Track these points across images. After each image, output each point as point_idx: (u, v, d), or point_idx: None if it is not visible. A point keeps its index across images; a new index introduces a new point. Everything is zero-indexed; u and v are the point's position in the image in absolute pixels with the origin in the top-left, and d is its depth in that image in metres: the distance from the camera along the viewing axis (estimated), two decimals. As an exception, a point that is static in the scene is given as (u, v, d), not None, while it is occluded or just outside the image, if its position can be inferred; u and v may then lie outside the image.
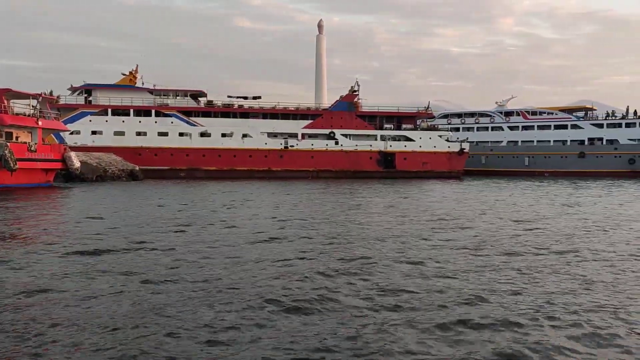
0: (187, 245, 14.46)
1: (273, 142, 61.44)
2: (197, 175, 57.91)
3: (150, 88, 61.72)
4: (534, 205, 27.93)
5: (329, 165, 61.65)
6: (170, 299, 9.17)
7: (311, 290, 9.89)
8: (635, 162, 67.96)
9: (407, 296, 9.57)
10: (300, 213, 23.25)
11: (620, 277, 11.35)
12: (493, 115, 79.04)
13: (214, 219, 20.33)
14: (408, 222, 20.07)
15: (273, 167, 60.69)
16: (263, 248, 14.30)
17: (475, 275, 11.29)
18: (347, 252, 13.90)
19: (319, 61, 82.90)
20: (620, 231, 18.34)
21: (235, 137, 60.71)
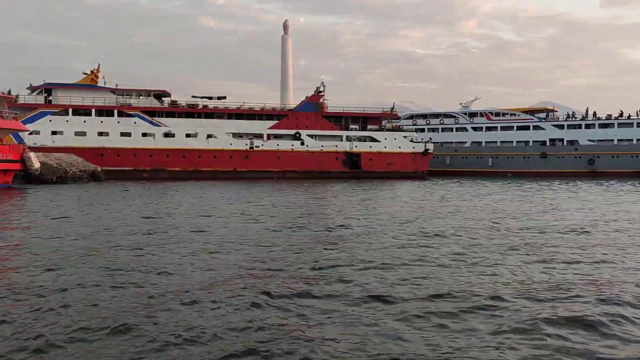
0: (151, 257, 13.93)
1: (238, 143, 61.62)
2: (160, 176, 57.70)
3: (113, 88, 61.22)
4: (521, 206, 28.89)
5: (294, 165, 62.12)
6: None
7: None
8: (594, 162, 70.22)
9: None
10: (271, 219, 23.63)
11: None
12: (457, 117, 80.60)
13: (177, 226, 20.41)
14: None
15: (238, 167, 60.87)
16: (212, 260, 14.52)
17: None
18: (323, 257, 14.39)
19: (285, 61, 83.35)
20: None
21: (200, 138, 60.69)
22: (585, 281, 11.12)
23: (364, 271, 11.82)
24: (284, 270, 11.87)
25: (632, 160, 68.54)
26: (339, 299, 9.57)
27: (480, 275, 11.56)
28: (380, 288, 10.30)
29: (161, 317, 8.50)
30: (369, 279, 11.08)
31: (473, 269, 12.13)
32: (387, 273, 11.64)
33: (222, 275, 11.30)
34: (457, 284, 10.71)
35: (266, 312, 8.82)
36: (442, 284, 10.75)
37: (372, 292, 10.01)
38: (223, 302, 9.26)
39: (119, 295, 9.75)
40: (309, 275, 11.40)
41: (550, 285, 10.69)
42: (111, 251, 14.00)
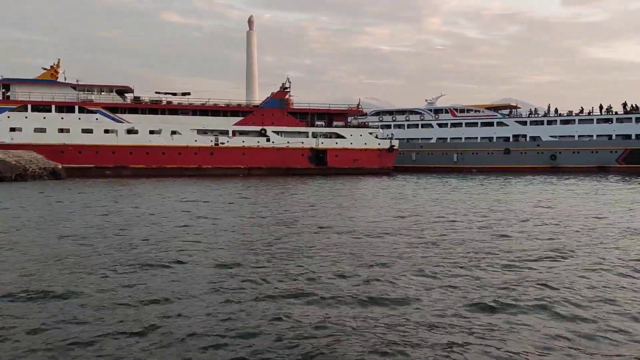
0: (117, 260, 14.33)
1: (203, 139, 61.53)
2: (123, 173, 57.31)
3: (74, 83, 60.49)
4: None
5: (260, 162, 62.33)
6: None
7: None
8: (556, 158, 72.16)
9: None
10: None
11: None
12: (423, 113, 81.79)
13: (137, 226, 20.64)
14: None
15: (203, 164, 60.80)
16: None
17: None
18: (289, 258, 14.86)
19: (250, 57, 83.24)
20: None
21: (164, 134, 60.40)
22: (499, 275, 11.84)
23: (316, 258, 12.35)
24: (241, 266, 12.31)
25: (592, 155, 70.64)
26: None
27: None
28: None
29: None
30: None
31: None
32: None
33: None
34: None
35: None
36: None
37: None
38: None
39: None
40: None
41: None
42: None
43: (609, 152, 70.16)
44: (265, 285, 10.76)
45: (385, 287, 10.65)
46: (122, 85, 62.14)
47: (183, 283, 10.96)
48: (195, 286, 10.72)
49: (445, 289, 10.54)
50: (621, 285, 11.18)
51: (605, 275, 11.99)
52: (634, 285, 11.15)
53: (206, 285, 10.79)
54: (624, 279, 11.73)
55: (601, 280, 11.50)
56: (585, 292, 10.59)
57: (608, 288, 10.92)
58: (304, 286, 10.68)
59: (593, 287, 10.93)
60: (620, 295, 10.44)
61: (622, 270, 12.41)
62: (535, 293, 10.42)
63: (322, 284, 10.84)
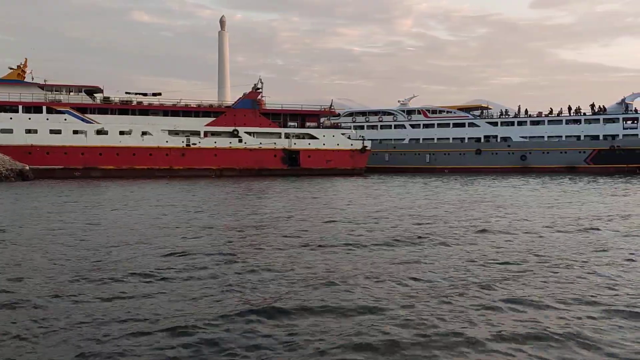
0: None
1: (174, 140, 61.47)
2: (93, 174, 56.99)
3: (41, 83, 59.89)
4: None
5: (233, 163, 62.49)
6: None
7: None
8: (526, 158, 73.71)
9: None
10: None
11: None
12: (396, 114, 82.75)
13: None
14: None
15: (175, 165, 60.74)
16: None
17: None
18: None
19: (222, 58, 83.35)
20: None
21: (135, 135, 60.20)
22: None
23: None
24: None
25: (561, 155, 72.34)
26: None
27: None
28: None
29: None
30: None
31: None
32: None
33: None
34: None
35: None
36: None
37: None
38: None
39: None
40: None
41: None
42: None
43: (577, 153, 71.94)
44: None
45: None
46: (91, 85, 61.77)
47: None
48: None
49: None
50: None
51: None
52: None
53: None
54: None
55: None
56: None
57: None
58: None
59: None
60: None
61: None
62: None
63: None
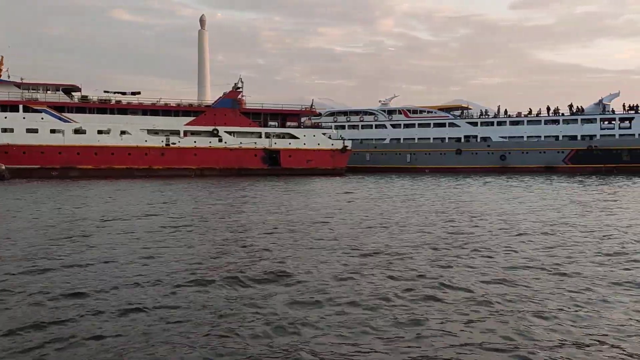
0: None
1: (154, 140, 61.30)
2: (71, 174, 56.65)
3: (18, 82, 59.38)
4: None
5: (213, 163, 62.47)
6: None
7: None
8: (506, 158, 74.65)
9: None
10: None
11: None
12: (377, 114, 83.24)
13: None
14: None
15: (154, 165, 60.58)
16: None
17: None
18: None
19: (202, 57, 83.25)
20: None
21: (113, 134, 59.94)
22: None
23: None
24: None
25: (540, 155, 73.37)
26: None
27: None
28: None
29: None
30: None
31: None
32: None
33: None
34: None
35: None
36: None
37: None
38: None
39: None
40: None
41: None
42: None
43: (556, 153, 73.03)
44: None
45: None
46: (69, 84, 61.39)
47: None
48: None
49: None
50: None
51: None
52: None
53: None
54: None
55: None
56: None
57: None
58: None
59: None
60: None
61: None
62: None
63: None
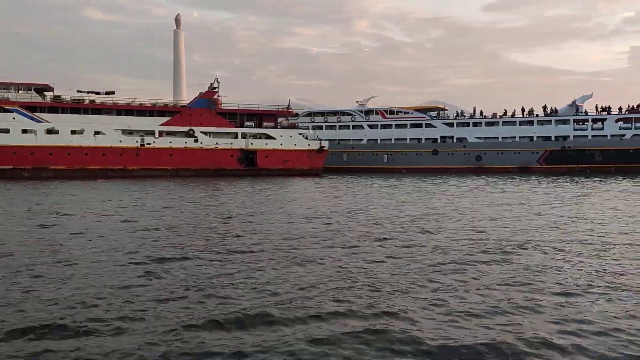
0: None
1: (128, 140, 60.94)
2: (44, 175, 56.07)
3: (-12, 81, 58.71)
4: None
5: (188, 163, 62.28)
6: None
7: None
8: (481, 159, 75.61)
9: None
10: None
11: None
12: (354, 114, 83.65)
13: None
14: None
15: (129, 165, 60.22)
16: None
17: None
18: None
19: (177, 56, 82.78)
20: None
21: (87, 135, 59.46)
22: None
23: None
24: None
25: (515, 156, 74.46)
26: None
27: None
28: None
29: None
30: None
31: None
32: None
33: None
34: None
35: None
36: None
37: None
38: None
39: None
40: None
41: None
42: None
43: (530, 153, 74.17)
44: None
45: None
46: (41, 83, 60.76)
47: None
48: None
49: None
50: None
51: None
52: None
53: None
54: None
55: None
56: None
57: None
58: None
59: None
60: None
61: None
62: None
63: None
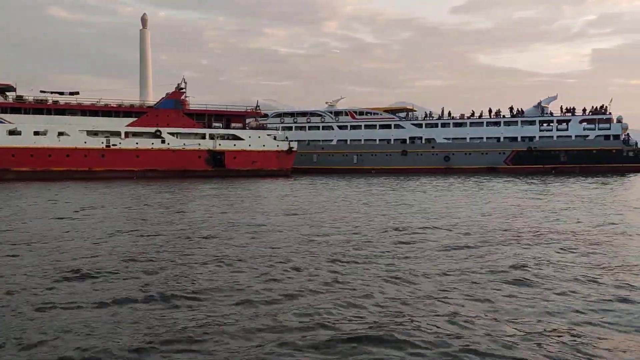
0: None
1: (93, 141, 60.36)
2: (6, 177, 55.17)
3: (-53, 81, 57.62)
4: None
5: (155, 164, 61.92)
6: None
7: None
8: (449, 159, 76.71)
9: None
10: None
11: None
12: (324, 115, 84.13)
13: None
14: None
15: (94, 167, 59.65)
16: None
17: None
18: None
19: (144, 57, 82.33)
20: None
21: (50, 136, 58.74)
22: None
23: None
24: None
25: (482, 156, 75.75)
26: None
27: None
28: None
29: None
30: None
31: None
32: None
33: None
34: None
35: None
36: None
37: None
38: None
39: None
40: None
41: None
42: None
43: (497, 154, 75.52)
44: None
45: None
46: (2, 83, 59.79)
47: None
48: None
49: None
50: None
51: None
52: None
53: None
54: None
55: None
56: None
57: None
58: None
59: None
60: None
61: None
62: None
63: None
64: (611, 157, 71.51)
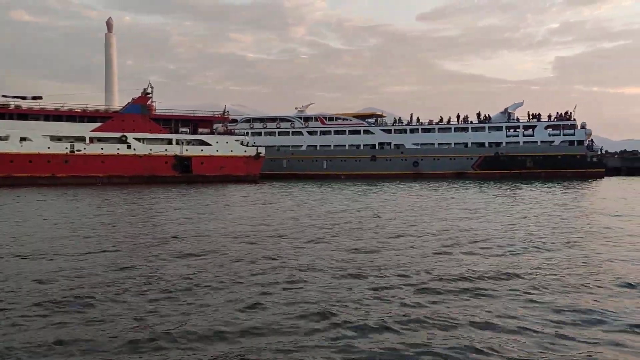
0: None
1: (57, 146, 59.73)
2: (-35, 183, 54.35)
3: None
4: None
5: (121, 170, 61.50)
6: None
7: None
8: (418, 164, 77.65)
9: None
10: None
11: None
12: (293, 121, 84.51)
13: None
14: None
15: (58, 173, 58.97)
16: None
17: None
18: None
19: (109, 61, 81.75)
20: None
21: (12, 141, 57.96)
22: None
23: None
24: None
25: (450, 162, 76.85)
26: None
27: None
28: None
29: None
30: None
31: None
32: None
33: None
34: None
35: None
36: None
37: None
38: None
39: None
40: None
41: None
42: None
43: (465, 159, 76.69)
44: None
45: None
46: (-37, 88, 58.98)
47: None
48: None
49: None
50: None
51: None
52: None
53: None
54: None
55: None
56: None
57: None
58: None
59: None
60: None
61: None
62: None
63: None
64: (575, 162, 73.21)
